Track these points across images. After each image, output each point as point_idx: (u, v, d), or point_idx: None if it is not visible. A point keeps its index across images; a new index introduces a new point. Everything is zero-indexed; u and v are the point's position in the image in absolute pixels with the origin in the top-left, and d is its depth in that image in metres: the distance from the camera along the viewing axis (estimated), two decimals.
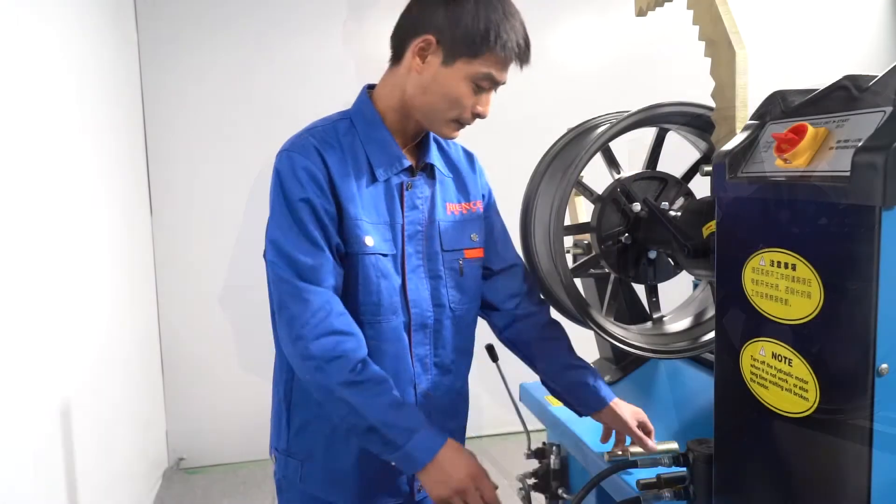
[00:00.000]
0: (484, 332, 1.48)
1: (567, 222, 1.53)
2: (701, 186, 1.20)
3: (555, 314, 1.49)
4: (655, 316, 1.51)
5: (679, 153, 1.55)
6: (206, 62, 3.64)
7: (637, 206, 1.40)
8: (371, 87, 1.37)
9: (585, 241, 1.65)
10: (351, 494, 1.34)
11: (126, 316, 3.09)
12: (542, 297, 1.49)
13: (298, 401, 1.35)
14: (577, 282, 1.46)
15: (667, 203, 1.42)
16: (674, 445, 1.33)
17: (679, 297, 1.58)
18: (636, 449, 1.35)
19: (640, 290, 1.54)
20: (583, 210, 1.75)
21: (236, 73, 3.67)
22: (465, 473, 1.20)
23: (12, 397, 1.76)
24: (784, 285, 0.80)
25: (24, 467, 1.79)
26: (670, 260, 1.42)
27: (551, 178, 1.44)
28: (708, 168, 0.95)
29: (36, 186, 2.03)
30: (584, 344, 1.65)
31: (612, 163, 1.46)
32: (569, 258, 1.53)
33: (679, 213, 1.34)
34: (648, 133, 1.47)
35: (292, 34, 3.72)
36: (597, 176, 1.46)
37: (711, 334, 1.42)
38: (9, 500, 1.67)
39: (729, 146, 0.90)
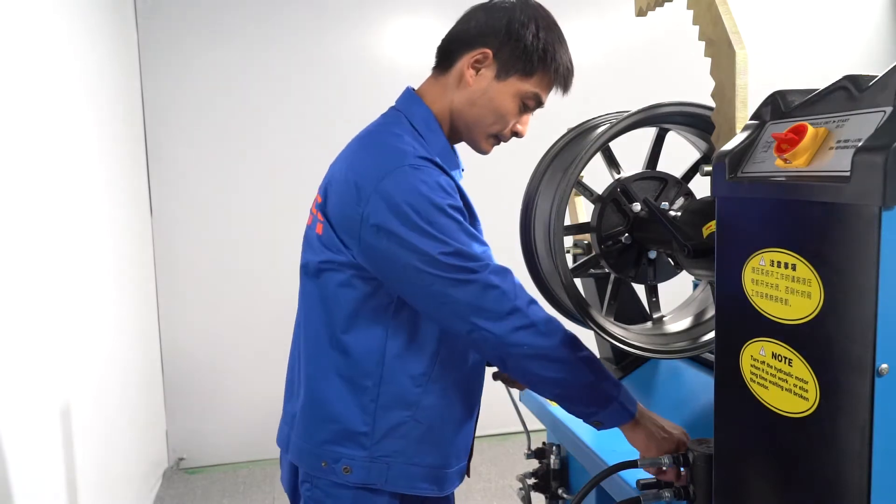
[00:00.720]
0: None
1: (567, 222, 1.53)
2: (701, 186, 1.20)
3: (555, 314, 1.49)
4: (655, 316, 1.51)
5: (679, 153, 1.55)
6: (205, 62, 3.64)
7: (637, 206, 1.40)
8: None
9: (585, 241, 1.65)
10: (438, 484, 1.36)
11: (126, 316, 3.09)
12: None
13: (389, 403, 1.31)
14: (577, 282, 1.46)
15: (667, 203, 1.42)
16: None
17: (679, 297, 1.58)
18: None
19: (640, 290, 1.54)
20: (583, 210, 1.75)
21: (236, 74, 3.67)
22: (677, 429, 1.23)
23: (13, 397, 1.76)
24: (784, 285, 0.80)
25: (24, 467, 1.79)
26: (670, 260, 1.42)
27: (551, 178, 1.44)
28: (708, 168, 0.95)
29: (36, 187, 2.03)
30: (585, 344, 1.64)
31: (612, 163, 1.46)
32: (569, 258, 1.53)
33: (679, 213, 1.34)
34: (648, 133, 1.47)
35: (293, 35, 3.72)
36: (597, 176, 1.46)
37: (711, 334, 1.42)
38: (9, 499, 1.67)
39: (729, 146, 0.90)
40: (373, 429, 1.31)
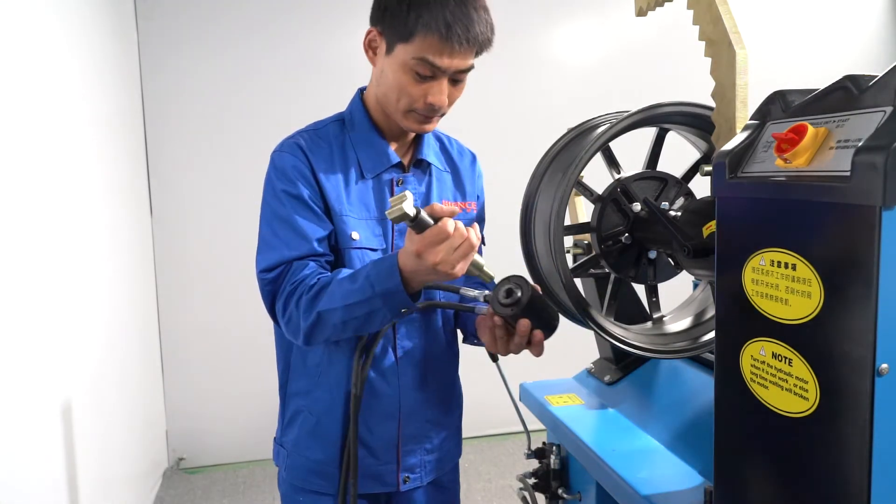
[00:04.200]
0: None
1: (567, 222, 1.53)
2: (701, 186, 1.20)
3: None
4: (655, 316, 1.51)
5: (679, 153, 1.55)
6: (206, 62, 3.64)
7: (637, 206, 1.40)
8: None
9: (585, 241, 1.65)
10: (334, 484, 1.37)
11: (126, 316, 3.09)
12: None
13: (291, 391, 1.41)
14: (577, 282, 1.46)
15: (667, 203, 1.42)
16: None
17: (679, 297, 1.58)
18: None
19: (640, 290, 1.54)
20: (583, 210, 1.75)
21: (236, 73, 3.67)
22: (422, 248, 1.07)
23: (13, 397, 1.76)
24: (784, 285, 0.80)
25: (24, 467, 1.79)
26: (670, 260, 1.42)
27: (551, 178, 1.44)
28: (708, 168, 0.95)
29: (36, 186, 2.03)
30: (585, 344, 1.64)
31: (612, 163, 1.46)
32: (569, 258, 1.53)
33: (679, 213, 1.34)
34: (648, 133, 1.47)
35: (293, 34, 3.72)
36: (597, 176, 1.46)
37: (711, 334, 1.42)
38: (9, 499, 1.67)
39: (729, 146, 0.90)
40: (283, 413, 1.44)
